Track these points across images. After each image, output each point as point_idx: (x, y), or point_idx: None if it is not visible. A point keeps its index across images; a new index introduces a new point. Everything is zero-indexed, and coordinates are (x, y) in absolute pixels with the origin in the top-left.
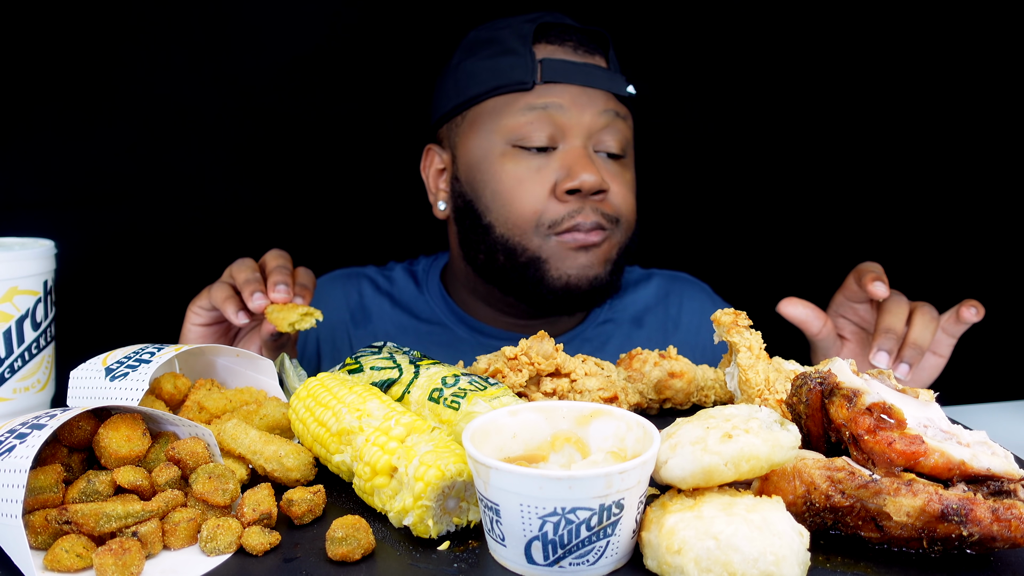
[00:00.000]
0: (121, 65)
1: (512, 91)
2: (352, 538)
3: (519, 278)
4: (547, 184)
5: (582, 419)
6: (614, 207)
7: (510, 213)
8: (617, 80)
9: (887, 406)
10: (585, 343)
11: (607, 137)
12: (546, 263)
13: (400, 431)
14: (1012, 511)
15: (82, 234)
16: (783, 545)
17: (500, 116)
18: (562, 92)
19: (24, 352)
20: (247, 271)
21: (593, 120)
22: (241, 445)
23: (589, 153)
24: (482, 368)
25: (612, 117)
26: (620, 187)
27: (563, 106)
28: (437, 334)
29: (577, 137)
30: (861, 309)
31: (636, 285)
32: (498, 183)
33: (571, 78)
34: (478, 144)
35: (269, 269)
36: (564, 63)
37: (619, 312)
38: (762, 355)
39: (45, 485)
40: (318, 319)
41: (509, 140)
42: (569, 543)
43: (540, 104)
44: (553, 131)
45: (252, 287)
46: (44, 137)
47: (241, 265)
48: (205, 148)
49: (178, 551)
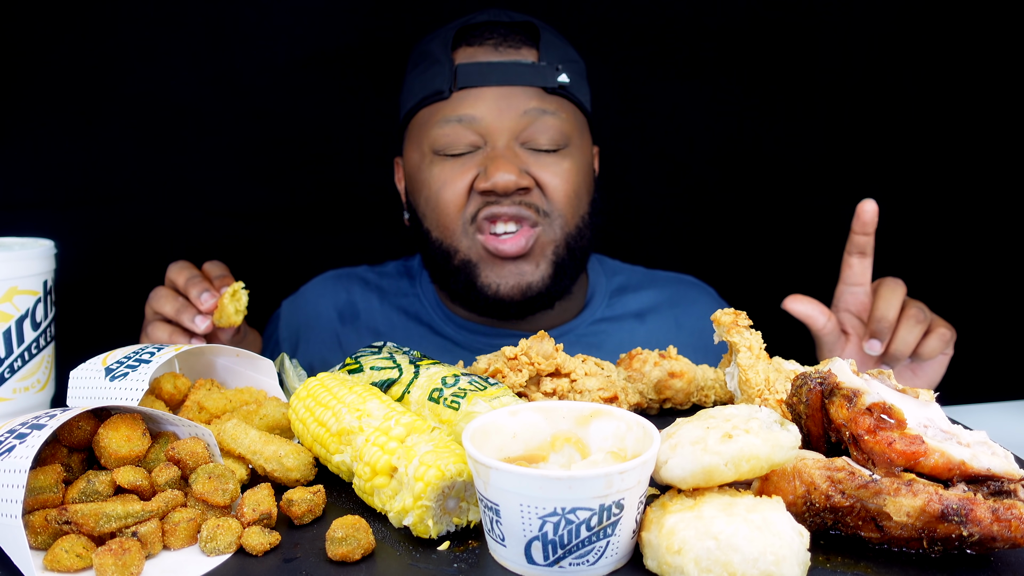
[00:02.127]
0: (121, 65)
1: (432, 102)
2: (352, 538)
3: (455, 282)
4: (468, 181)
5: (582, 419)
6: (544, 201)
7: (437, 215)
8: (544, 72)
9: (887, 406)
10: (578, 340)
11: (535, 134)
12: (476, 267)
13: (400, 431)
14: (1012, 511)
15: (82, 234)
16: (783, 545)
17: (425, 128)
18: (479, 96)
19: (24, 352)
20: (170, 298)
21: (515, 122)
22: (241, 445)
23: (512, 151)
24: (482, 368)
25: (537, 115)
26: (553, 177)
27: (476, 117)
28: (425, 329)
29: (500, 138)
30: (860, 293)
31: (639, 286)
32: (428, 188)
33: (487, 80)
34: (412, 155)
35: (182, 288)
36: (479, 65)
37: (618, 310)
38: (762, 355)
39: (45, 485)
40: (243, 287)
41: (434, 149)
42: (569, 543)
43: (455, 117)
44: (474, 138)
45: (190, 313)
46: (44, 137)
47: (159, 297)
48: (205, 148)
49: (178, 551)
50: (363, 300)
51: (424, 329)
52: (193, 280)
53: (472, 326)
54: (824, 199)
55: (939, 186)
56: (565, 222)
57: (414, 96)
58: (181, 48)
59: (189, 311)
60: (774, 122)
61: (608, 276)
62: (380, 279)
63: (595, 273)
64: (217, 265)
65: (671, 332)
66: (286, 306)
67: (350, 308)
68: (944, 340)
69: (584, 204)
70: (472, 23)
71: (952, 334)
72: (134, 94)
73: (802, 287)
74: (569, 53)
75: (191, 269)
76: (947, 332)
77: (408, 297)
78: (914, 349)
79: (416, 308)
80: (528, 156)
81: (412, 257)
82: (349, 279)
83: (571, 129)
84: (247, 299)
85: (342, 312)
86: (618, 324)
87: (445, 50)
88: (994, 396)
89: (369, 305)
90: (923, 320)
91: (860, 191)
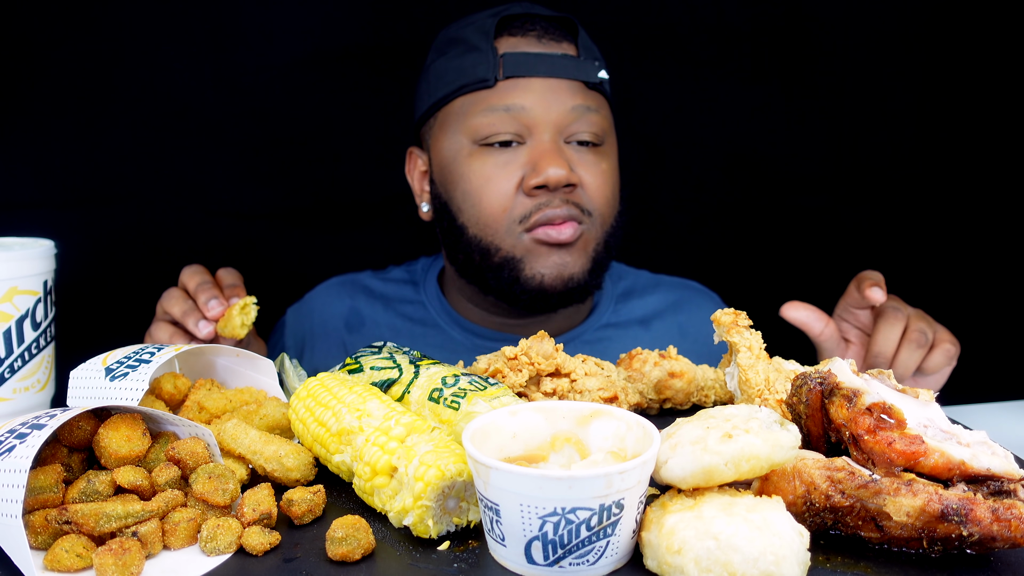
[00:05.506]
0: (121, 65)
1: (475, 89)
2: (352, 538)
3: (494, 278)
4: (514, 179)
5: (582, 419)
6: (587, 200)
7: (480, 212)
8: (586, 67)
9: (887, 406)
10: (584, 346)
11: (579, 127)
12: (520, 262)
13: (400, 431)
14: (1012, 511)
15: (82, 234)
16: (783, 545)
17: (466, 116)
18: (526, 87)
19: (24, 352)
20: (180, 300)
21: (561, 117)
22: (241, 445)
23: (559, 146)
24: (482, 368)
25: (582, 112)
26: (594, 178)
27: (525, 107)
28: (431, 336)
29: (545, 131)
30: (862, 315)
31: (644, 291)
32: (467, 183)
33: (534, 70)
34: (448, 145)
35: (192, 292)
36: (527, 55)
37: (624, 315)
38: (762, 355)
39: (45, 485)
40: (255, 302)
41: (475, 139)
42: (569, 543)
43: (502, 106)
44: (519, 128)
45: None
46: (44, 137)
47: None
48: (205, 148)
49: (178, 551)
50: (368, 308)
51: (431, 333)
52: (203, 286)
53: (480, 330)
54: (824, 199)
55: (939, 185)
56: (604, 220)
57: (449, 83)
58: (181, 48)
59: (195, 315)
60: (774, 123)
61: (613, 281)
62: (384, 286)
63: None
64: (231, 273)
65: (675, 339)
66: (291, 313)
67: (356, 316)
68: (948, 356)
69: (618, 202)
70: (510, 14)
71: (956, 349)
72: (134, 94)
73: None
74: (597, 51)
75: (203, 274)
76: (952, 348)
77: (413, 304)
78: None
79: (421, 315)
80: (571, 153)
81: (415, 261)
82: (354, 286)
83: (608, 127)
84: (255, 314)
85: (348, 320)
86: (623, 330)
87: (486, 38)
88: (994, 396)
89: (374, 313)
90: (925, 344)
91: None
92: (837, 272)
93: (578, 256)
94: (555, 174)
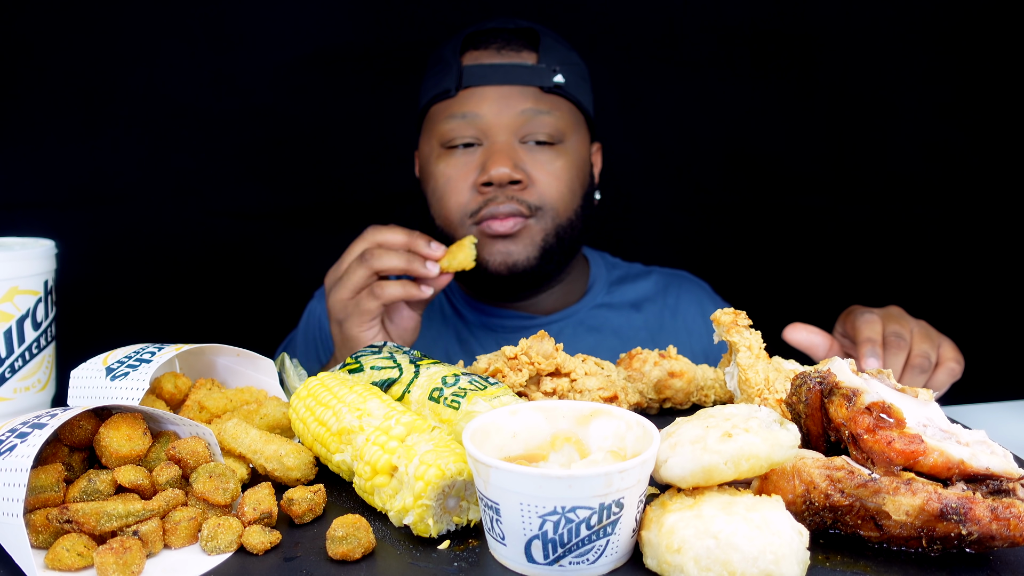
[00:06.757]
0: (121, 65)
1: (441, 99)
2: (352, 537)
3: None
4: (471, 178)
5: (582, 419)
6: (537, 196)
7: (442, 208)
8: (541, 73)
9: (886, 405)
10: (579, 325)
11: (532, 128)
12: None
13: (400, 430)
14: (1011, 510)
15: (82, 234)
16: (782, 544)
17: (435, 122)
18: (482, 95)
19: (25, 352)
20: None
21: (512, 120)
22: (241, 444)
23: (510, 146)
24: (482, 368)
25: (533, 115)
26: (546, 175)
27: (480, 114)
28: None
29: (500, 134)
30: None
31: (636, 277)
32: (435, 181)
33: (489, 79)
34: (425, 148)
35: (405, 243)
36: (482, 67)
37: (617, 297)
38: (762, 355)
39: (46, 484)
40: (473, 241)
41: (442, 143)
42: (569, 542)
43: (460, 113)
44: (476, 132)
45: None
46: (44, 137)
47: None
48: (206, 148)
49: (179, 550)
50: None
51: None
52: (415, 234)
53: (477, 304)
54: (824, 199)
55: (939, 186)
56: (557, 214)
57: (427, 94)
58: (181, 48)
59: (418, 259)
60: (774, 122)
61: (608, 269)
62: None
63: (596, 265)
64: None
65: (666, 321)
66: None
67: None
68: (952, 375)
69: (577, 198)
70: (480, 29)
71: (960, 366)
72: (134, 94)
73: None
74: (570, 56)
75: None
76: (955, 367)
77: None
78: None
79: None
80: (525, 152)
81: None
82: None
83: (566, 127)
84: (475, 250)
85: None
86: (616, 311)
87: (454, 53)
88: (994, 396)
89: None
90: (928, 368)
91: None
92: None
93: (524, 246)
94: (497, 172)
